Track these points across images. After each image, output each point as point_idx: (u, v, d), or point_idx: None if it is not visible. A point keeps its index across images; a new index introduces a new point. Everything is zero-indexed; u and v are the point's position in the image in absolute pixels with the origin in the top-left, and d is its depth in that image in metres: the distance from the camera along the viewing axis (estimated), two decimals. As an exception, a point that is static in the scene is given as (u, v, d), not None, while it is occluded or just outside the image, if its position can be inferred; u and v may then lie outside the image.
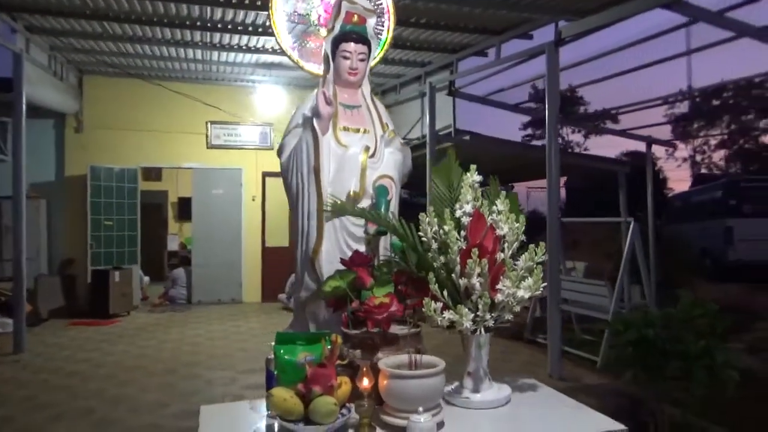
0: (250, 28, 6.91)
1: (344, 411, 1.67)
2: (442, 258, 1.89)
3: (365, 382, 1.70)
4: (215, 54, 8.00)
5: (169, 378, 5.02)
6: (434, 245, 1.86)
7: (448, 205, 2.00)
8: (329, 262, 2.23)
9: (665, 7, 3.86)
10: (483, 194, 2.01)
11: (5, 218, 8.61)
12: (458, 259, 1.84)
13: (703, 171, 24.99)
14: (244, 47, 7.66)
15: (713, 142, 24.68)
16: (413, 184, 14.85)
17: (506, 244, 1.91)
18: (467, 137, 7.64)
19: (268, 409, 1.79)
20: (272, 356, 1.86)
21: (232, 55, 8.03)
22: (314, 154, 2.21)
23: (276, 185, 9.99)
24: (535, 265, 1.87)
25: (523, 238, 1.94)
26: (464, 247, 1.85)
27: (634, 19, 4.61)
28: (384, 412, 1.71)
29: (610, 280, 5.99)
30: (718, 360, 3.42)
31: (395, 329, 1.95)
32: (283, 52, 2.64)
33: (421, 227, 1.85)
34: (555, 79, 4.97)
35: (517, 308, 1.85)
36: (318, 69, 2.71)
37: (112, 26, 6.80)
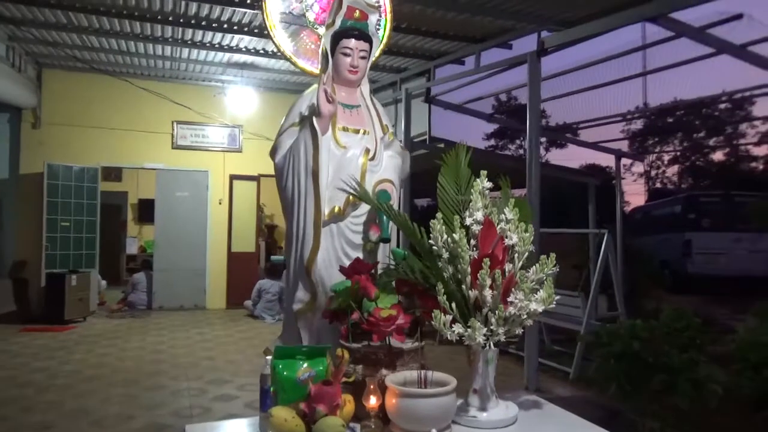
0: (225, 26, 6.71)
1: (348, 432, 1.55)
2: (450, 268, 1.79)
3: (372, 401, 1.58)
4: (185, 51, 7.74)
5: (132, 389, 4.75)
6: (445, 254, 1.76)
7: (456, 210, 1.90)
8: (325, 270, 2.10)
9: (651, 20, 3.90)
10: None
11: (-48, 217, 8.13)
12: (469, 269, 1.75)
13: (657, 185, 25.82)
14: (216, 45, 7.43)
15: (666, 158, 25.58)
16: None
17: (516, 255, 1.82)
18: (442, 145, 7.59)
19: (264, 430, 1.65)
20: (267, 371, 1.71)
21: (203, 53, 7.79)
22: (313, 154, 2.08)
23: (243, 189, 9.78)
24: (545, 277, 1.80)
25: (531, 248, 1.86)
26: (475, 257, 1.76)
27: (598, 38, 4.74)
28: (392, 433, 1.59)
29: (583, 291, 6.02)
30: (701, 373, 3.42)
31: (396, 343, 1.83)
32: (280, 54, 2.50)
33: (432, 234, 1.74)
34: (537, 89, 4.96)
35: (529, 322, 1.77)
36: (311, 66, 2.59)
37: (78, 17, 6.47)
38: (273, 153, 2.26)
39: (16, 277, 8.32)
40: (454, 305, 1.73)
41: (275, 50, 7.37)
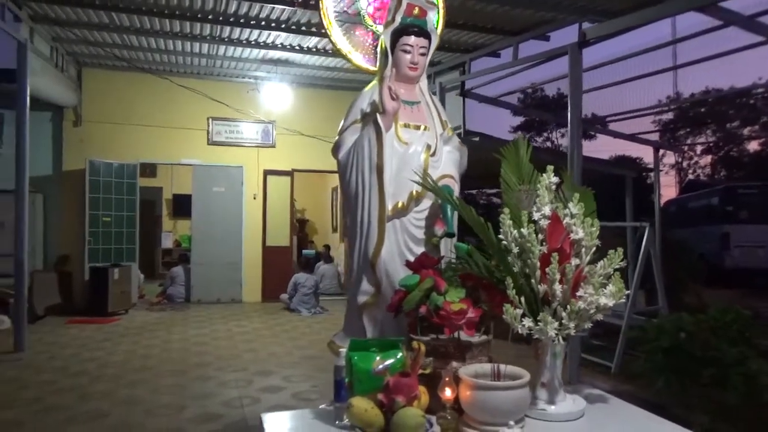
0: (263, 23, 6.78)
1: (426, 424, 1.59)
2: (518, 262, 1.81)
3: (448, 393, 1.61)
4: (222, 48, 7.86)
5: (180, 379, 4.88)
6: (515, 249, 1.78)
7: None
8: (389, 264, 2.13)
9: (699, 10, 3.83)
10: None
11: (0, 213, 8.40)
12: (538, 264, 1.77)
13: (690, 177, 25.26)
14: (252, 42, 7.52)
15: (699, 148, 25.02)
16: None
17: (583, 249, 1.83)
18: (477, 138, 7.57)
19: (339, 419, 1.69)
20: (341, 363, 1.76)
21: (238, 50, 7.90)
22: (377, 151, 2.12)
23: (277, 184, 9.89)
24: (613, 272, 1.81)
25: (598, 242, 1.87)
26: (545, 252, 1.77)
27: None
28: (466, 425, 1.62)
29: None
30: (751, 367, 3.38)
31: (465, 337, 1.86)
32: (337, 52, 2.54)
33: (502, 229, 1.77)
34: (578, 81, 4.90)
35: (599, 316, 1.78)
36: (365, 63, 2.62)
37: (119, 17, 6.63)
38: (336, 150, 2.31)
39: (60, 271, 8.58)
40: (523, 299, 1.75)
41: (327, 47, 7.52)
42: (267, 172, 9.98)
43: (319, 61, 8.39)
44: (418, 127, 2.27)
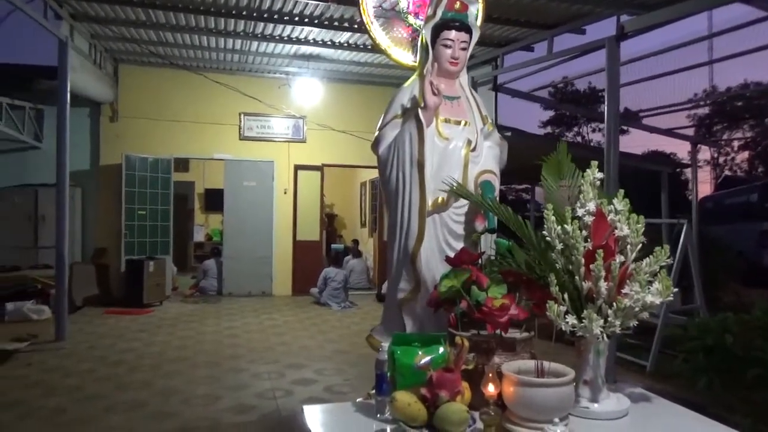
0: (296, 18, 6.83)
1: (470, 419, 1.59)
2: (561, 259, 1.79)
3: (491, 389, 1.61)
4: (254, 44, 7.94)
5: (215, 371, 4.97)
6: (558, 245, 1.76)
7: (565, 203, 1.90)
8: (429, 260, 2.13)
9: (744, 1, 3.71)
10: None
11: (40, 206, 8.66)
12: (582, 260, 1.74)
13: (727, 173, 24.56)
14: (284, 38, 7.59)
15: (736, 144, 24.32)
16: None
17: (629, 246, 1.80)
18: (509, 133, 7.50)
19: (381, 413, 1.70)
20: (383, 357, 1.76)
21: (271, 45, 7.96)
22: (418, 146, 2.11)
23: (307, 178, 9.96)
24: (659, 269, 1.77)
25: (643, 239, 1.83)
26: (589, 248, 1.75)
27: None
28: (509, 421, 1.62)
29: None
30: (798, 368, 3.29)
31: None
32: (375, 47, 2.54)
33: (546, 225, 1.75)
34: (615, 75, 4.81)
35: (645, 315, 1.75)
36: (404, 57, 2.62)
37: (156, 14, 6.75)
38: (376, 145, 2.31)
39: (98, 263, 8.81)
40: (566, 296, 1.73)
41: (359, 43, 7.54)
42: (297, 167, 10.05)
43: (351, 56, 8.41)
44: (458, 123, 2.25)
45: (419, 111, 2.13)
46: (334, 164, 10.39)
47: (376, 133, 2.33)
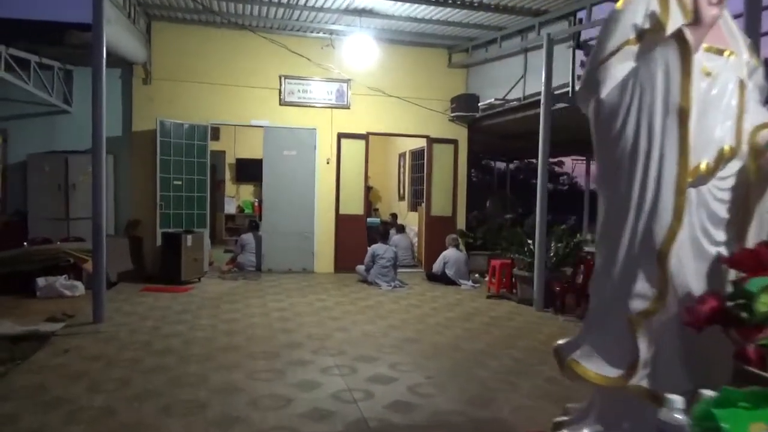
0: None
1: None
2: None
3: None
4: (301, -4, 7.17)
5: (275, 363, 4.37)
6: None
7: None
8: (679, 255, 1.44)
9: None
10: None
11: (71, 175, 8.10)
12: None
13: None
14: (336, -12, 6.82)
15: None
16: (490, 149, 13.72)
17: None
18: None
19: None
20: (678, 421, 1.09)
21: (320, -1, 7.20)
22: (681, 84, 1.40)
23: (352, 148, 9.23)
24: None
25: None
26: None
27: None
28: None
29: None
30: None
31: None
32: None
33: None
34: (757, 20, 4.00)
35: None
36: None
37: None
38: (592, 87, 1.59)
39: (131, 236, 8.27)
40: None
41: None
42: (341, 135, 9.35)
43: (407, 11, 7.60)
44: (721, 52, 1.53)
45: (685, 30, 1.41)
46: (380, 132, 9.65)
47: (592, 72, 1.61)
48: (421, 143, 10.63)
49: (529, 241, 7.12)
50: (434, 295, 7.54)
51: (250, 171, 12.87)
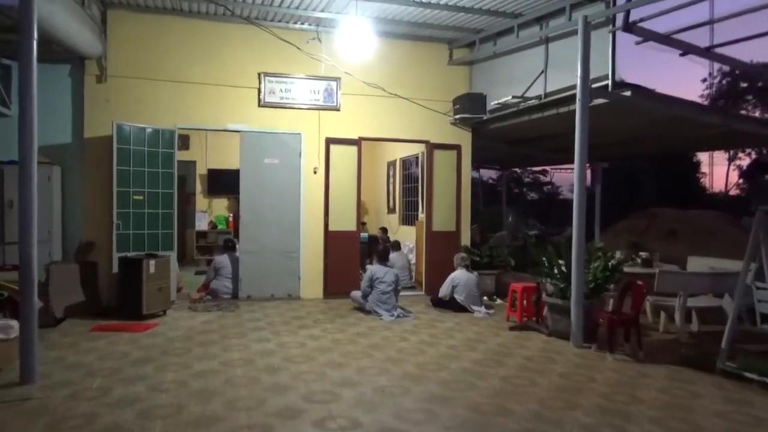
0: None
1: None
2: None
3: None
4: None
5: (268, 447, 3.16)
6: None
7: None
8: None
9: None
10: None
11: (8, 189, 6.75)
12: None
13: None
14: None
15: None
16: (488, 156, 12.64)
17: None
18: (629, 93, 5.69)
19: None
20: None
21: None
22: None
23: (342, 155, 8.10)
24: None
25: None
26: None
27: None
28: None
29: None
30: None
31: None
32: None
33: None
34: None
35: None
36: None
37: None
38: None
39: (83, 261, 6.94)
40: None
41: None
42: (329, 141, 8.17)
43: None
44: None
45: None
46: (374, 138, 8.50)
47: None
48: (413, 150, 9.56)
49: (561, 261, 6.04)
50: (447, 327, 6.39)
51: (224, 182, 11.66)
